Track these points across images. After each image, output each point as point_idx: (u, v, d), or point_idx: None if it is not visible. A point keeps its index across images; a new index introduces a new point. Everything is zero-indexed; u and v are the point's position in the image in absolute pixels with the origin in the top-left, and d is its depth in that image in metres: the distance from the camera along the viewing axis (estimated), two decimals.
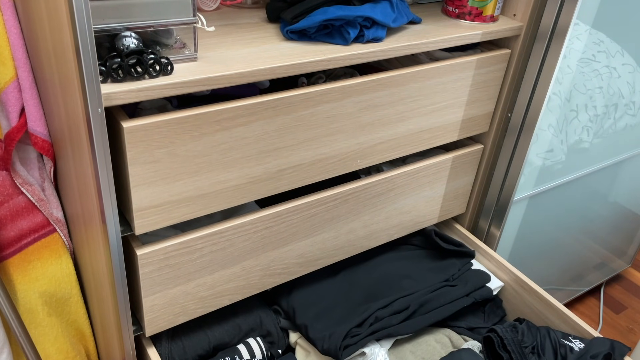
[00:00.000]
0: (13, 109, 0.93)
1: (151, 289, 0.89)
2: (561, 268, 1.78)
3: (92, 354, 1.16)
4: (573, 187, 1.53)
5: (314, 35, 0.93)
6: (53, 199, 1.03)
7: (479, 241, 1.33)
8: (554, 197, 1.52)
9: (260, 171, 0.92)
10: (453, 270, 1.23)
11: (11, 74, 0.91)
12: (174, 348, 1.00)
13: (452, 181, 1.28)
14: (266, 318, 1.10)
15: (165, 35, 0.81)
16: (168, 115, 0.78)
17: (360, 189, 1.09)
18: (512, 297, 1.24)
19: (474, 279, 1.20)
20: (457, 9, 1.12)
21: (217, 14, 1.02)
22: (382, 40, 0.97)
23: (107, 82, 0.73)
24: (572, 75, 1.24)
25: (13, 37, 0.90)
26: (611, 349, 1.04)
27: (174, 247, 0.88)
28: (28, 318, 1.03)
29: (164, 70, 0.75)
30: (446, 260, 1.26)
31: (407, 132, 1.10)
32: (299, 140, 0.93)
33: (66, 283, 1.05)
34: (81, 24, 0.64)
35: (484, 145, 1.30)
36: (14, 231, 0.99)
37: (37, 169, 1.01)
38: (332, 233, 1.09)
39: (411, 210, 1.23)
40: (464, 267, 1.24)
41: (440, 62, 1.07)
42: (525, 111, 1.25)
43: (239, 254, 0.97)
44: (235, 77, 0.80)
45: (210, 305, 1.00)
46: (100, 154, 0.73)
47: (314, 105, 0.92)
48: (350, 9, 0.92)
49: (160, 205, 0.83)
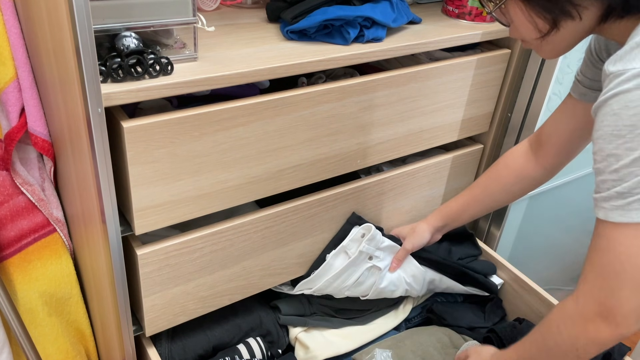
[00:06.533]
0: (13, 109, 0.93)
1: (151, 289, 0.89)
2: (561, 268, 1.78)
3: (92, 354, 1.16)
4: (573, 187, 1.53)
5: (314, 35, 0.93)
6: (53, 199, 1.03)
7: (479, 241, 1.33)
8: (554, 197, 1.52)
9: (260, 171, 0.92)
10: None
11: (11, 74, 0.91)
12: (174, 348, 1.00)
13: (452, 181, 1.28)
14: (266, 318, 1.10)
15: (165, 35, 0.81)
16: (168, 115, 0.78)
17: (360, 189, 1.09)
18: (512, 297, 1.24)
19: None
20: (457, 9, 1.12)
21: (217, 14, 1.02)
22: (382, 40, 0.97)
23: (107, 82, 0.73)
24: (572, 75, 1.24)
25: (13, 37, 0.90)
26: (611, 349, 1.04)
27: (174, 247, 0.88)
28: (28, 318, 1.03)
29: (164, 70, 0.75)
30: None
31: (407, 132, 1.10)
32: (299, 140, 0.93)
33: (66, 283, 1.05)
34: (81, 24, 0.63)
35: (484, 145, 1.30)
36: (14, 231, 0.99)
37: (37, 169, 1.01)
38: (332, 233, 1.09)
39: (411, 210, 1.23)
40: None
41: (440, 62, 1.07)
42: (525, 111, 1.25)
43: (239, 254, 0.97)
44: (235, 77, 0.80)
45: (210, 305, 1.00)
46: (100, 154, 0.73)
47: (314, 105, 0.92)
48: (350, 9, 0.92)
49: (160, 205, 0.83)
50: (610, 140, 0.64)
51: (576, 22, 0.71)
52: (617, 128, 0.63)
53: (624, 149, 0.63)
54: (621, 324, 0.68)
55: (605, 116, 0.64)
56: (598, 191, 0.67)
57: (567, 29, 0.72)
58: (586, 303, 0.71)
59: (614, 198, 0.65)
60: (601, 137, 0.65)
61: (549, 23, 0.72)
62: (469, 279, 1.20)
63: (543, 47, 0.77)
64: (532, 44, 0.78)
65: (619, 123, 0.62)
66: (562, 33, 0.73)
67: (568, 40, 0.75)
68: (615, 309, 0.68)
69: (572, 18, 0.71)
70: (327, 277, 1.05)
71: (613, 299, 0.68)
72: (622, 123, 0.62)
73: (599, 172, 0.66)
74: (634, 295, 0.67)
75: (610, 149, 0.64)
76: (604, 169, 0.65)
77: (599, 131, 0.65)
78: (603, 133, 0.65)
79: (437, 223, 1.12)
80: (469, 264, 1.25)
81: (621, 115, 0.62)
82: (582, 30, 0.73)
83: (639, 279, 0.66)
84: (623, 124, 0.62)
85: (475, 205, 1.10)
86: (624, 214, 0.65)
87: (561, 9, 0.70)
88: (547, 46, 0.76)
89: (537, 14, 0.72)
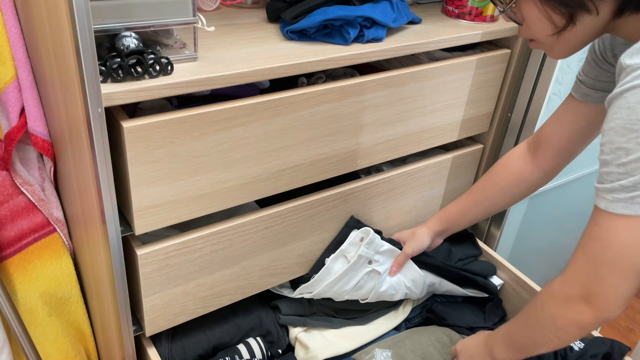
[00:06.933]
0: (13, 109, 0.93)
1: (151, 289, 0.89)
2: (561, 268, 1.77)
3: (92, 354, 1.16)
4: (573, 187, 1.53)
5: (314, 35, 0.93)
6: (53, 199, 1.03)
7: (479, 241, 1.33)
8: (554, 197, 1.52)
9: (260, 171, 0.92)
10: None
11: (11, 74, 0.91)
12: (174, 348, 1.00)
13: (452, 181, 1.28)
14: (266, 318, 1.10)
15: (165, 35, 0.81)
16: (168, 115, 0.78)
17: (360, 189, 1.09)
18: (512, 296, 1.24)
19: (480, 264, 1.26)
20: (457, 9, 1.12)
21: (217, 14, 1.02)
22: (382, 40, 0.97)
23: (107, 82, 0.72)
24: (572, 75, 1.24)
25: (13, 37, 0.90)
26: (611, 349, 1.04)
27: (174, 247, 0.88)
28: (28, 318, 1.03)
29: (164, 70, 0.75)
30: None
31: (407, 132, 1.10)
32: (299, 140, 0.93)
33: (66, 283, 1.05)
34: (81, 24, 0.63)
35: (484, 145, 1.30)
36: (14, 231, 0.99)
37: (37, 169, 1.01)
38: (332, 233, 1.09)
39: (411, 210, 1.23)
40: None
41: (440, 62, 1.07)
42: (525, 111, 1.25)
43: (239, 254, 0.97)
44: (235, 77, 0.80)
45: (210, 305, 1.00)
46: (100, 154, 0.73)
47: (314, 105, 0.92)
48: (350, 9, 0.92)
49: (160, 205, 0.83)
50: (622, 133, 0.63)
51: (592, 17, 0.70)
52: (630, 121, 0.63)
53: (635, 143, 0.62)
54: (604, 309, 0.71)
55: (620, 109, 0.64)
56: (601, 182, 0.67)
57: (583, 23, 0.71)
58: (572, 284, 0.73)
59: (618, 190, 0.65)
60: (612, 129, 0.65)
61: (565, 17, 0.71)
62: (468, 281, 1.20)
63: (556, 45, 0.76)
64: (545, 42, 0.76)
65: (633, 117, 0.62)
66: (578, 29, 0.72)
67: (582, 37, 0.74)
68: (599, 294, 0.70)
69: (589, 12, 0.70)
70: (326, 281, 1.05)
71: (599, 284, 0.70)
72: (635, 117, 0.62)
73: (605, 163, 0.66)
74: (620, 283, 0.69)
75: (620, 142, 0.64)
76: (611, 161, 0.65)
77: (611, 123, 0.65)
78: (615, 125, 0.64)
79: (437, 227, 1.12)
80: (469, 264, 1.25)
81: (636, 109, 0.62)
82: (597, 26, 0.72)
83: (629, 269, 0.68)
84: (637, 118, 0.62)
85: (474, 209, 1.09)
86: (627, 207, 0.65)
87: (578, 1, 0.69)
88: (560, 44, 0.75)
89: (553, 8, 0.71)
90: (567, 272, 0.75)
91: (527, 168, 1.02)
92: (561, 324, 0.76)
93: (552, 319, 0.77)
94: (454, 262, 1.24)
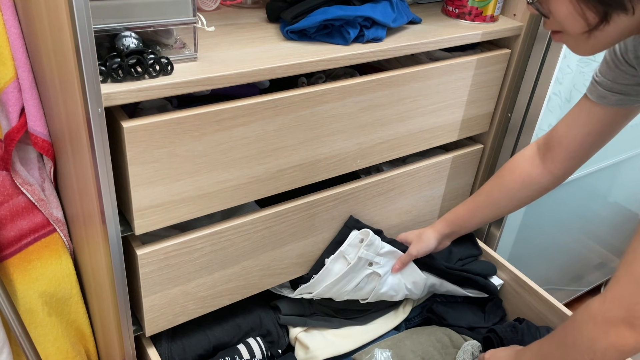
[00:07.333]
0: (13, 109, 0.93)
1: (151, 289, 0.89)
2: (561, 268, 1.78)
3: (92, 354, 1.16)
4: (573, 187, 1.53)
5: (314, 35, 0.93)
6: (53, 199, 1.03)
7: (479, 241, 1.33)
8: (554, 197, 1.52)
9: (260, 171, 0.92)
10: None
11: (11, 74, 0.91)
12: (174, 348, 1.00)
13: (452, 181, 1.28)
14: (266, 318, 1.10)
15: (165, 35, 0.81)
16: (168, 115, 0.78)
17: (360, 189, 1.09)
18: (512, 297, 1.24)
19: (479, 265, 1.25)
20: (457, 9, 1.12)
21: (217, 14, 1.02)
22: (382, 40, 0.97)
23: (107, 82, 0.73)
24: (572, 75, 1.24)
25: (13, 37, 0.90)
26: None
27: (174, 247, 0.88)
28: (28, 318, 1.03)
29: (164, 70, 0.75)
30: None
31: (407, 132, 1.10)
32: (299, 140, 0.93)
33: (66, 283, 1.05)
34: (81, 24, 0.64)
35: (484, 145, 1.30)
36: (14, 231, 0.99)
37: (37, 169, 1.01)
38: (332, 233, 1.09)
39: (411, 210, 1.23)
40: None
41: (440, 62, 1.07)
42: (525, 111, 1.25)
43: (239, 254, 0.97)
44: (235, 77, 0.80)
45: (210, 305, 1.00)
46: (100, 154, 0.73)
47: (314, 105, 0.92)
48: (350, 9, 0.92)
49: (160, 205, 0.83)
50: None
51: (628, 17, 0.66)
52: None
53: None
54: None
55: None
56: None
57: (617, 23, 0.67)
58: (614, 306, 0.69)
59: None
60: None
61: (600, 15, 0.67)
62: (469, 282, 1.20)
63: (585, 42, 0.71)
64: (573, 38, 0.72)
65: None
66: (610, 28, 0.68)
67: (613, 36, 0.69)
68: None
69: (625, 11, 0.66)
70: (326, 282, 1.05)
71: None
72: None
73: None
74: None
75: None
76: None
77: None
78: None
79: (444, 230, 1.11)
80: (469, 264, 1.25)
81: None
82: (629, 26, 0.68)
83: None
84: None
85: (481, 211, 1.07)
86: None
87: (616, 0, 0.65)
88: (589, 42, 0.71)
89: (588, 5, 0.67)
90: (608, 292, 0.70)
91: (536, 171, 0.98)
92: (600, 348, 0.70)
93: (590, 342, 0.71)
94: (454, 262, 1.24)
